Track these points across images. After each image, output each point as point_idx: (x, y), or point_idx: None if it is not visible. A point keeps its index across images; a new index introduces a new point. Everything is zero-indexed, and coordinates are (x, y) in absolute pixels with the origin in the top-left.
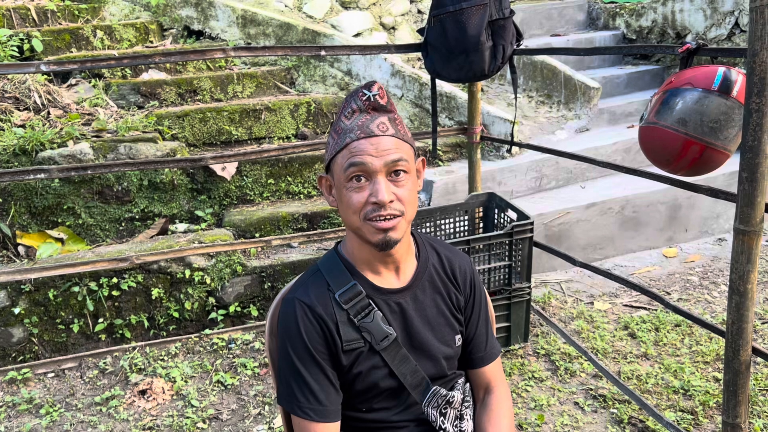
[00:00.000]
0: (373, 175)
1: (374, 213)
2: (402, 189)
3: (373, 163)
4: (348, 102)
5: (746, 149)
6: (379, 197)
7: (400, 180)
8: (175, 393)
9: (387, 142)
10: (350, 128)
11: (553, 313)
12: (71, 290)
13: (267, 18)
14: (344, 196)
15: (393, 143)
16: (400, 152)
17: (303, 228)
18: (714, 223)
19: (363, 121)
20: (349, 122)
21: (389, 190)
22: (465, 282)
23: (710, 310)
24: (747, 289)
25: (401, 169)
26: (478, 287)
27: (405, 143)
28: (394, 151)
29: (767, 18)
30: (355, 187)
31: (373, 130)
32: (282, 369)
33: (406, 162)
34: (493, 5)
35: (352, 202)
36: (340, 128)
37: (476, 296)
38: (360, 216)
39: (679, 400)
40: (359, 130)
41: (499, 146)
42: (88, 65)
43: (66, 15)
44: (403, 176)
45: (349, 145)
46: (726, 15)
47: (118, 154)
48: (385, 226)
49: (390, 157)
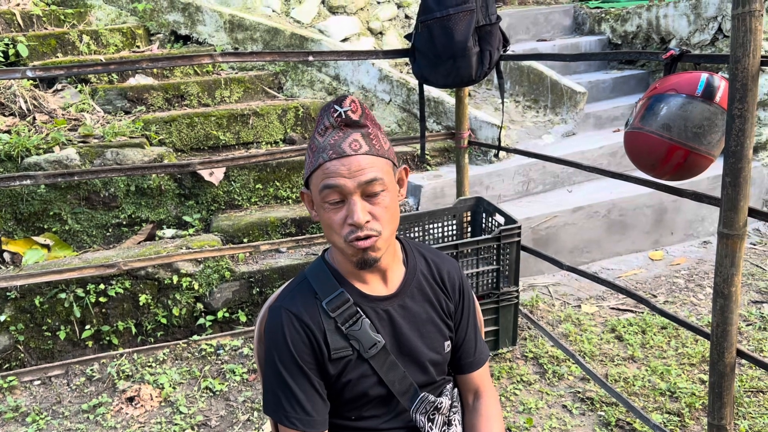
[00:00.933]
0: (348, 196)
1: (352, 235)
2: (378, 207)
3: (346, 185)
4: (321, 117)
5: (729, 154)
6: (354, 219)
7: (376, 199)
8: (163, 400)
9: (360, 161)
10: (323, 147)
11: (541, 317)
12: (58, 297)
13: (254, 23)
14: (323, 217)
15: (367, 162)
16: (375, 170)
17: (291, 233)
18: (699, 226)
19: (335, 140)
20: (323, 140)
21: (365, 211)
22: (454, 288)
23: (696, 312)
24: (731, 291)
25: (377, 189)
26: (467, 293)
27: (381, 158)
28: (368, 170)
29: (749, 25)
30: (331, 209)
31: (344, 149)
32: (268, 378)
33: (382, 180)
34: (479, 11)
35: (330, 223)
36: (314, 146)
37: (465, 302)
38: (341, 236)
39: (665, 402)
40: (331, 149)
41: (487, 151)
42: (75, 71)
43: (52, 20)
44: (379, 194)
45: (322, 166)
46: (709, 20)
47: (104, 159)
48: (363, 245)
49: (363, 178)
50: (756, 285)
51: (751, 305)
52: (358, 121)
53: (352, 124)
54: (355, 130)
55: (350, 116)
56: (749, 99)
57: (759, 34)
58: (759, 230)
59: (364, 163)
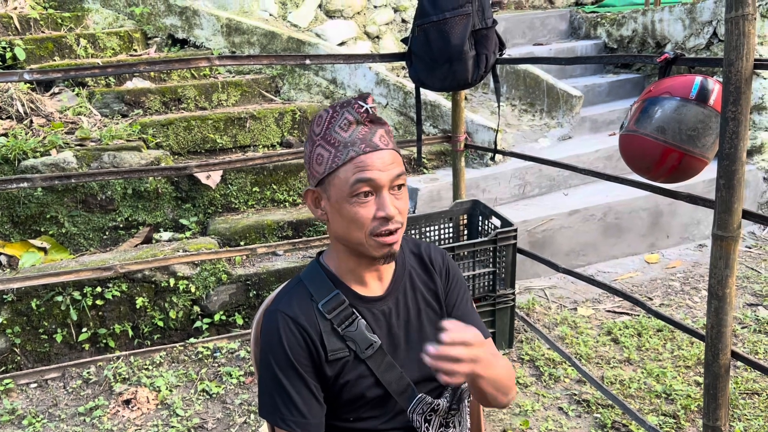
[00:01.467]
0: (380, 190)
1: (382, 227)
2: (401, 201)
3: (380, 178)
4: (340, 113)
5: (723, 156)
6: (388, 212)
7: (399, 193)
8: (159, 402)
9: (389, 156)
10: (351, 141)
11: (537, 319)
12: (54, 300)
13: (251, 27)
14: (348, 212)
15: (393, 157)
16: (400, 166)
17: (288, 236)
18: (695, 229)
19: (364, 134)
20: (347, 135)
21: (394, 204)
22: (441, 269)
23: (691, 315)
24: (725, 293)
25: (402, 182)
26: (453, 270)
27: (400, 156)
28: (396, 165)
29: (742, 29)
30: (361, 203)
31: (377, 143)
32: (265, 381)
33: (404, 175)
34: (476, 15)
35: (358, 218)
36: (335, 140)
37: (453, 280)
38: (366, 231)
39: (661, 404)
40: (363, 143)
41: (483, 154)
42: (72, 74)
43: (49, 23)
44: (402, 189)
45: (354, 160)
46: (704, 25)
47: (101, 162)
48: (390, 240)
49: (394, 171)
50: (751, 288)
51: (746, 308)
52: (381, 118)
53: (375, 121)
54: (379, 126)
55: (374, 113)
56: (743, 102)
57: (752, 37)
58: (754, 233)
59: (393, 158)
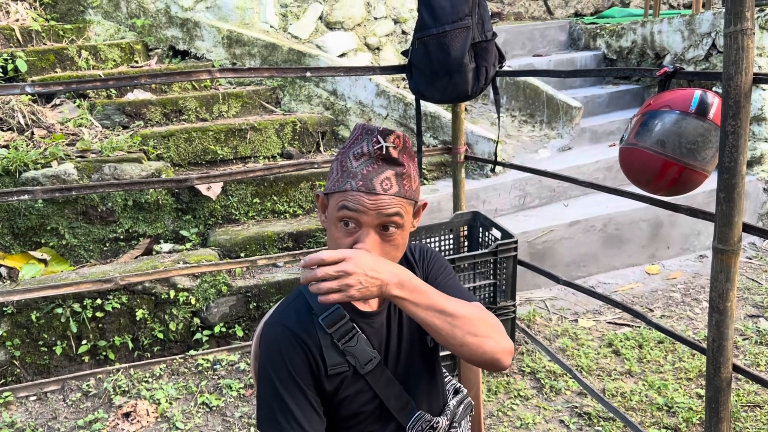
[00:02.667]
0: (363, 226)
1: None
2: (389, 244)
3: (364, 218)
4: (360, 138)
5: (723, 170)
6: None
7: (390, 235)
8: (159, 415)
9: (386, 200)
10: (354, 173)
11: (538, 331)
12: (54, 312)
13: (252, 38)
14: (332, 233)
15: (392, 201)
16: (397, 208)
17: (289, 247)
18: (695, 240)
19: (368, 171)
20: (355, 165)
21: (375, 244)
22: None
23: (692, 326)
24: (726, 307)
25: (393, 223)
26: (431, 254)
27: (406, 200)
28: (391, 207)
29: (741, 43)
30: (343, 229)
31: (375, 186)
32: (264, 394)
33: (401, 217)
34: (475, 28)
35: (337, 242)
36: (345, 166)
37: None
38: None
39: (663, 417)
40: (361, 180)
41: (483, 165)
42: (74, 86)
43: (51, 35)
44: (393, 231)
45: (347, 192)
46: (703, 36)
47: (102, 174)
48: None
49: (384, 212)
50: (752, 299)
51: (747, 319)
52: (397, 159)
53: (389, 161)
54: (390, 168)
55: (390, 152)
56: (742, 116)
57: (751, 51)
58: (755, 244)
59: (390, 202)
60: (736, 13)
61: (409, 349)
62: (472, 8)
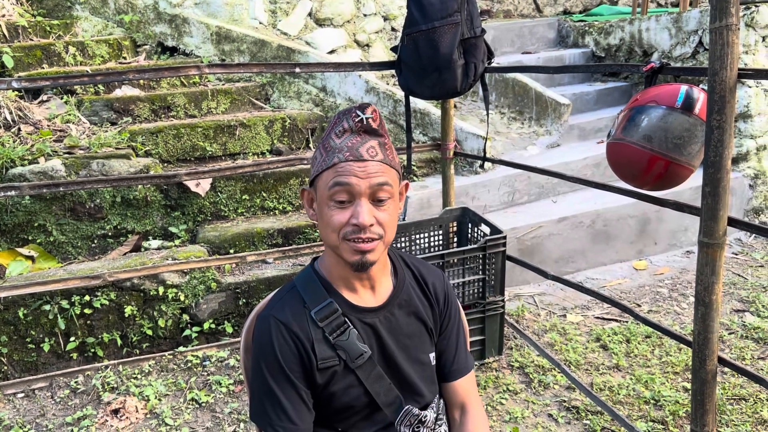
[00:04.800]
0: (357, 197)
1: (353, 234)
2: (383, 213)
3: (358, 185)
4: (340, 120)
5: (709, 164)
6: (360, 220)
7: (382, 204)
8: (148, 411)
9: (374, 166)
10: (339, 148)
11: (527, 326)
12: (42, 309)
13: (241, 35)
14: (325, 214)
15: (380, 168)
16: (386, 177)
17: (278, 244)
18: (682, 236)
19: (353, 143)
20: (339, 141)
21: (371, 214)
22: (438, 297)
23: (679, 321)
24: (712, 300)
25: (385, 195)
26: (452, 302)
27: (392, 169)
28: (380, 175)
29: (726, 39)
30: (337, 207)
31: (362, 153)
32: (255, 386)
33: (390, 187)
34: (464, 24)
35: (332, 221)
36: (329, 145)
37: (451, 311)
38: (339, 235)
39: (650, 410)
40: (348, 151)
41: (473, 161)
42: (61, 82)
43: (37, 31)
44: (386, 200)
45: (336, 165)
46: (690, 34)
47: (90, 170)
48: (363, 248)
49: (375, 181)
50: (738, 294)
51: (733, 314)
52: (377, 130)
53: (370, 131)
54: (373, 138)
55: (370, 123)
56: (727, 111)
57: (736, 47)
58: (741, 240)
59: (378, 168)
60: (721, 9)
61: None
62: (461, 5)
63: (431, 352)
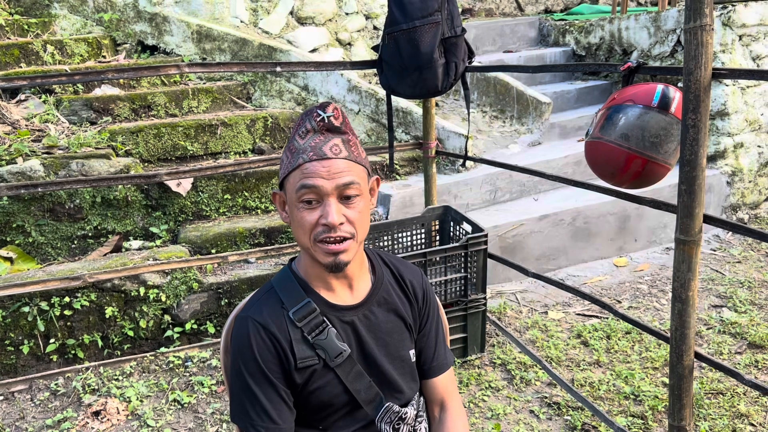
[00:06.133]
0: (324, 198)
1: (324, 234)
2: (352, 211)
3: (324, 186)
4: (303, 121)
5: (684, 163)
6: (329, 219)
7: (351, 202)
8: (130, 413)
9: (339, 164)
10: (303, 148)
11: (509, 323)
12: (21, 310)
13: (222, 33)
14: (296, 216)
15: (345, 165)
16: (352, 175)
17: (260, 243)
18: (662, 233)
19: (316, 143)
20: (303, 142)
21: (340, 213)
22: (417, 294)
23: (659, 317)
24: (688, 296)
25: (353, 192)
26: (431, 299)
27: (358, 165)
28: (346, 173)
29: (700, 39)
30: (306, 208)
31: (325, 152)
32: (235, 387)
33: (358, 185)
34: (445, 23)
35: (303, 223)
36: (293, 147)
37: (430, 308)
38: (310, 237)
39: (629, 405)
40: (312, 151)
41: (455, 160)
42: (39, 81)
43: (15, 30)
44: (354, 198)
45: (301, 166)
46: (668, 33)
47: (70, 170)
48: (334, 249)
49: (341, 180)
50: (716, 290)
51: (711, 309)
52: (339, 128)
53: (333, 130)
54: (336, 136)
55: (332, 122)
56: (702, 110)
57: (710, 47)
58: (719, 236)
59: (343, 167)
60: (696, 10)
61: (381, 345)
62: (442, 4)
63: (411, 349)
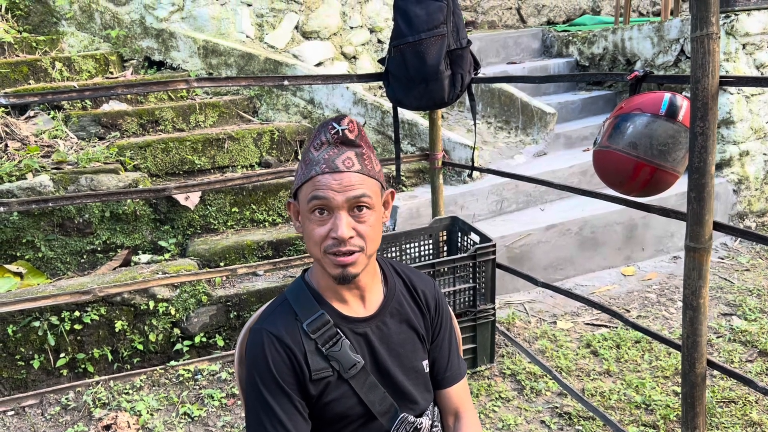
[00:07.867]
0: (335, 210)
1: (334, 248)
2: (363, 225)
3: (335, 198)
4: (318, 133)
5: (693, 170)
6: (338, 233)
7: (362, 215)
8: (140, 427)
9: (351, 178)
10: (317, 161)
11: (518, 334)
12: (31, 325)
13: (228, 48)
14: (307, 227)
15: (357, 179)
16: (364, 188)
17: (268, 256)
18: (669, 242)
19: (330, 155)
20: (317, 154)
21: (349, 226)
22: (430, 305)
23: (668, 325)
24: (699, 303)
25: (364, 205)
26: (443, 309)
27: (371, 179)
28: (358, 187)
29: (707, 47)
30: (317, 220)
31: (338, 165)
32: (250, 399)
33: (370, 198)
34: (450, 36)
35: (313, 234)
36: (308, 159)
37: (443, 318)
38: (320, 248)
39: (641, 414)
40: (324, 164)
41: (461, 171)
42: (49, 97)
43: (23, 47)
44: (365, 212)
45: (313, 178)
46: (672, 42)
47: (79, 185)
48: (343, 261)
49: (352, 193)
50: (725, 298)
51: (720, 318)
52: (354, 141)
53: (347, 142)
54: (350, 149)
55: (347, 135)
56: (710, 117)
57: (716, 55)
58: (726, 244)
59: (355, 180)
60: (702, 18)
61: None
62: (447, 17)
63: (424, 359)
